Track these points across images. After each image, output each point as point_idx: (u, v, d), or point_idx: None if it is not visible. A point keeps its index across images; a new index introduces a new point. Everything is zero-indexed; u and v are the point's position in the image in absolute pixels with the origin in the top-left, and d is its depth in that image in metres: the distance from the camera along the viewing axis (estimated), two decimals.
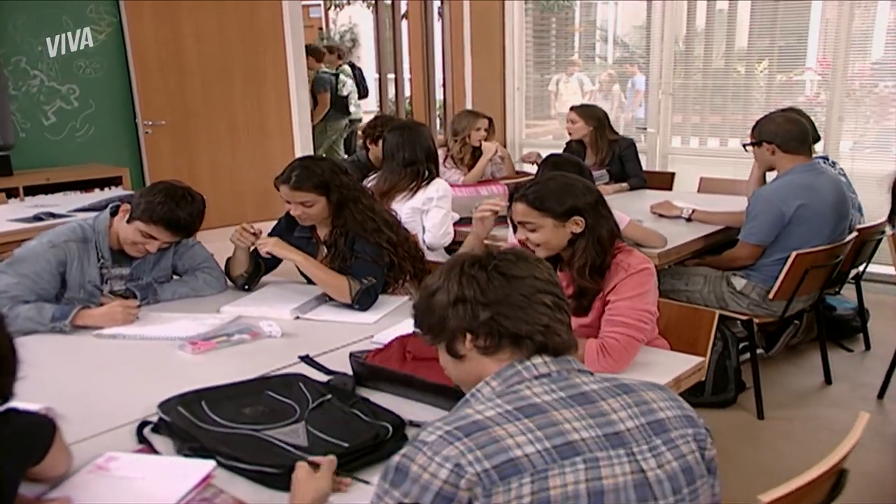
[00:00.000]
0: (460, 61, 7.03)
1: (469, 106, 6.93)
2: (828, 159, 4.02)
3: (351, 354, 2.29)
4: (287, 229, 3.21)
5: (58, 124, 6.50)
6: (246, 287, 3.18)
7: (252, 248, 3.09)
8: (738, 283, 3.73)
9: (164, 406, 2.02)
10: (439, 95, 9.90)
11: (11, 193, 5.69)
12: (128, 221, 2.86)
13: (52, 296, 2.83)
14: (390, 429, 1.92)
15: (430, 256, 3.97)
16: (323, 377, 2.30)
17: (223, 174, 7.37)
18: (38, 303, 2.72)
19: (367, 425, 1.96)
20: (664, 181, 5.66)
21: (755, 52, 6.58)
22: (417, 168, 3.93)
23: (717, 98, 6.63)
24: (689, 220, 4.15)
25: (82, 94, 6.60)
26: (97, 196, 5.69)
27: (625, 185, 5.15)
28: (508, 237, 3.87)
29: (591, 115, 5.25)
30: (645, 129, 6.61)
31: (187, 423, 1.96)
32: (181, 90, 7.13)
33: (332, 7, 16.29)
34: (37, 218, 4.42)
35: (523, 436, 1.33)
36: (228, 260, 3.22)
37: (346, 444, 1.85)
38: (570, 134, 5.32)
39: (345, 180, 3.05)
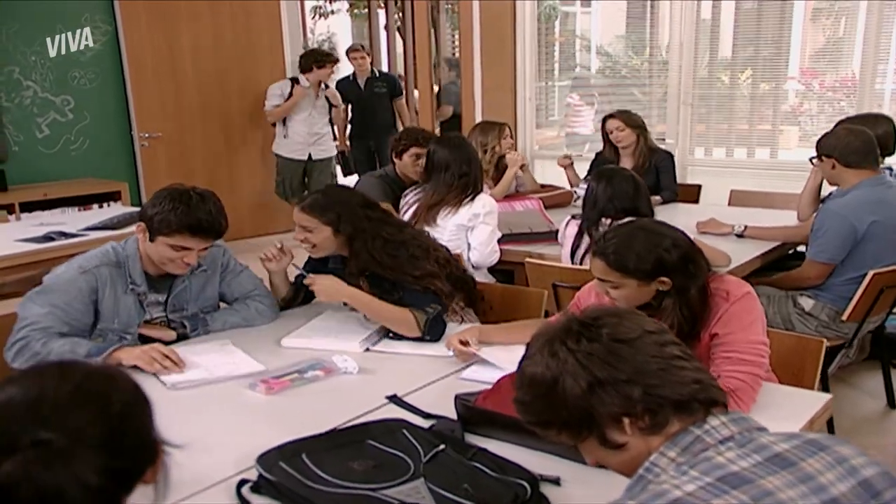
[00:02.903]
0: (469, 70, 6.82)
1: (479, 117, 6.72)
2: (892, 171, 3.84)
3: (457, 397, 2.05)
4: (321, 259, 2.96)
5: (52, 137, 6.23)
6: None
7: (286, 267, 3.00)
8: (807, 303, 3.54)
9: (263, 462, 1.78)
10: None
11: (6, 210, 5.40)
12: (151, 240, 2.58)
13: (87, 326, 2.58)
14: (528, 487, 1.70)
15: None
16: (420, 421, 2.08)
17: (221, 188, 6.96)
18: (73, 338, 2.47)
19: (498, 483, 1.74)
20: (690, 194, 5.47)
21: (739, 61, 6.52)
22: (467, 181, 3.75)
23: (703, 108, 6.52)
24: (740, 236, 3.97)
25: (77, 105, 6.34)
26: (97, 213, 5.43)
27: (657, 198, 4.95)
28: (563, 257, 3.68)
29: (635, 121, 5.05)
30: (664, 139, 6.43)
31: (295, 483, 1.72)
32: (178, 101, 6.89)
33: (316, 15, 16.01)
34: (47, 238, 4.13)
35: None
36: None
37: None
38: (617, 142, 5.07)
39: (361, 213, 2.82)
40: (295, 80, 6.91)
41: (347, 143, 7.80)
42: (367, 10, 11.63)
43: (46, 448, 1.01)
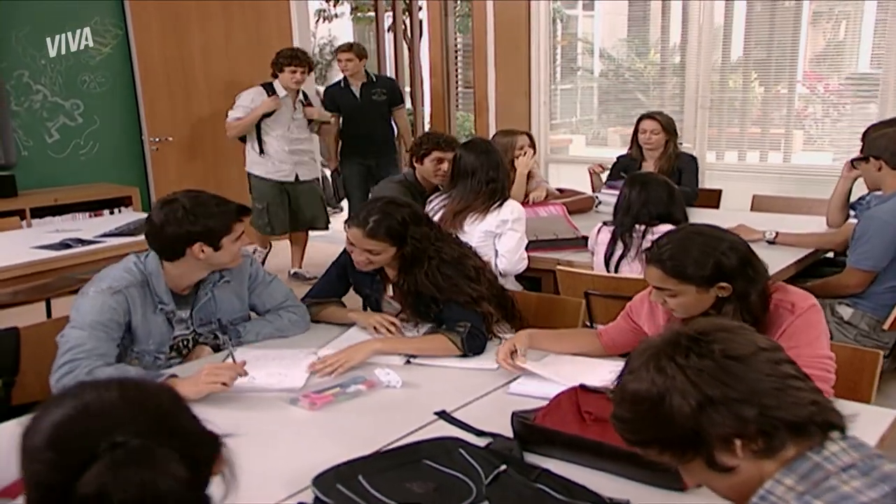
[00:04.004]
0: (483, 74, 6.75)
1: (492, 121, 6.65)
2: None
3: (514, 415, 1.97)
4: (352, 263, 2.86)
5: (61, 142, 6.14)
6: None
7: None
8: (845, 312, 3.46)
9: (320, 484, 1.70)
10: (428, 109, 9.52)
11: (17, 216, 5.30)
12: (217, 250, 2.51)
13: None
14: None
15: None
16: (473, 438, 1.99)
17: (232, 192, 6.95)
18: (118, 365, 2.40)
19: None
20: (711, 199, 5.37)
21: (750, 64, 6.52)
22: (494, 187, 3.67)
23: (714, 111, 6.48)
24: (772, 242, 3.89)
25: (86, 109, 6.25)
26: (109, 219, 5.35)
27: None
28: (595, 265, 3.60)
29: (671, 124, 4.94)
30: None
31: None
32: (188, 104, 6.79)
33: (319, 19, 15.96)
34: (64, 245, 4.04)
35: None
36: (313, 300, 2.96)
37: None
38: (647, 143, 4.94)
39: (423, 232, 2.73)
40: (269, 87, 5.85)
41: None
42: (371, 12, 11.54)
43: (125, 449, 1.01)
